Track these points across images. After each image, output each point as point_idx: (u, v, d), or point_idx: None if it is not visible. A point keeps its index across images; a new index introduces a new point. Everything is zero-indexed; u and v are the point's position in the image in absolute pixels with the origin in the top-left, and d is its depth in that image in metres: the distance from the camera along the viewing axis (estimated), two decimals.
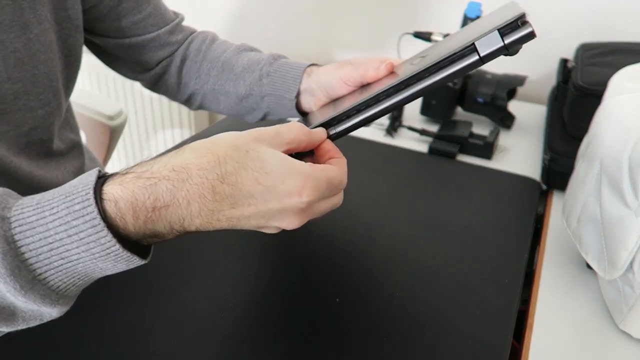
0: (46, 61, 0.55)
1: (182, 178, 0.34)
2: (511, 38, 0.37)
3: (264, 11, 1.35)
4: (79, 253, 0.33)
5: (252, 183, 0.35)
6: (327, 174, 0.39)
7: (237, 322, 0.52)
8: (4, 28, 0.50)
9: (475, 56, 0.38)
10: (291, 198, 0.36)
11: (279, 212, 0.37)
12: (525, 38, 0.37)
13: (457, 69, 0.39)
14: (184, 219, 0.35)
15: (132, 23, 0.66)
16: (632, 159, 0.48)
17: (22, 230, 0.32)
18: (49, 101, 0.57)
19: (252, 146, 0.36)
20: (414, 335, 0.52)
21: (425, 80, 0.40)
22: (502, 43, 0.37)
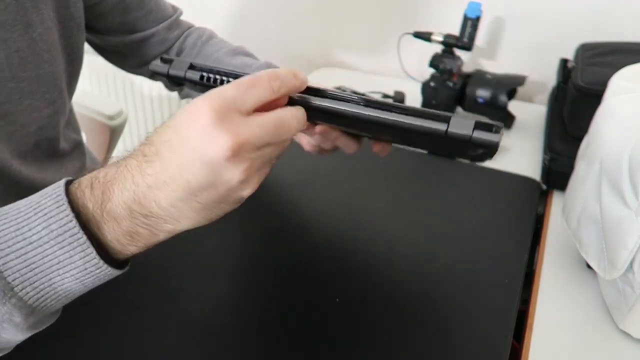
0: (50, 60, 0.55)
1: (123, 158, 0.35)
2: (479, 134, 0.37)
3: (263, 11, 1.35)
4: (40, 232, 0.33)
5: (165, 130, 0.33)
6: (225, 85, 0.34)
7: (237, 322, 0.52)
8: (7, 27, 0.50)
9: (443, 126, 0.38)
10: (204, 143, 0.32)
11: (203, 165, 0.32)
12: (489, 144, 0.37)
13: (423, 125, 0.38)
14: (134, 193, 0.33)
15: (135, 19, 0.67)
16: (632, 159, 0.48)
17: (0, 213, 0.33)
18: (54, 100, 0.57)
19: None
20: (414, 335, 0.52)
21: (396, 116, 0.39)
22: (470, 133, 0.37)
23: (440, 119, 0.38)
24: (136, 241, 0.35)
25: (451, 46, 0.95)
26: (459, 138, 0.37)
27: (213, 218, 0.35)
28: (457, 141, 0.38)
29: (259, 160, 0.34)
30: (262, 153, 0.34)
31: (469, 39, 0.94)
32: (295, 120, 0.35)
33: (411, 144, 0.54)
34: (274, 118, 0.34)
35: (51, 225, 0.33)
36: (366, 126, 0.42)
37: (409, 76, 1.15)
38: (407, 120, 0.39)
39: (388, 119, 0.39)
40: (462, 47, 0.95)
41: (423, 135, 0.40)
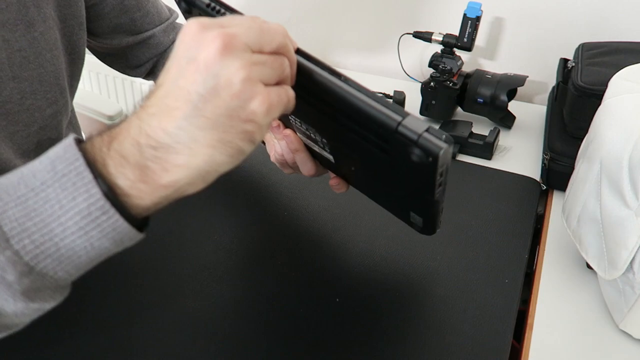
0: (52, 59, 0.55)
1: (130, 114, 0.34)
2: (427, 138, 0.36)
3: (263, 11, 1.34)
4: (44, 175, 0.31)
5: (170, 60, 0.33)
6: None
7: (237, 322, 0.52)
8: (8, 27, 0.50)
9: (397, 118, 0.37)
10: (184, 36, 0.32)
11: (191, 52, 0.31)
12: (431, 148, 0.36)
13: (378, 110, 0.37)
14: (140, 128, 0.31)
15: (131, 20, 0.66)
16: (632, 159, 0.48)
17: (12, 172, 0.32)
18: (56, 99, 0.57)
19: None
20: (414, 335, 0.52)
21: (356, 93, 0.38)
22: (419, 133, 0.36)
23: (397, 112, 0.37)
24: (147, 178, 0.31)
25: (451, 46, 0.95)
26: (406, 135, 0.36)
27: (230, 145, 0.32)
28: (403, 138, 0.37)
29: (258, 65, 0.32)
30: (257, 57, 0.32)
31: (469, 39, 0.94)
32: (279, 33, 0.34)
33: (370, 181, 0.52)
34: (256, 23, 0.33)
35: (57, 167, 0.31)
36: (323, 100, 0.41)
37: (409, 76, 1.15)
38: (365, 100, 0.37)
39: (346, 92, 0.38)
40: (462, 47, 0.95)
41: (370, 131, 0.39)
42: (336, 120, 0.43)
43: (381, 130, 0.38)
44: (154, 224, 0.64)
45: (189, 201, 0.69)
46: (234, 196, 0.72)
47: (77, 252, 0.32)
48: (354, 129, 0.42)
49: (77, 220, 0.31)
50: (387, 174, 0.46)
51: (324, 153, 0.51)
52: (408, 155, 0.38)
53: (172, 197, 0.33)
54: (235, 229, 0.65)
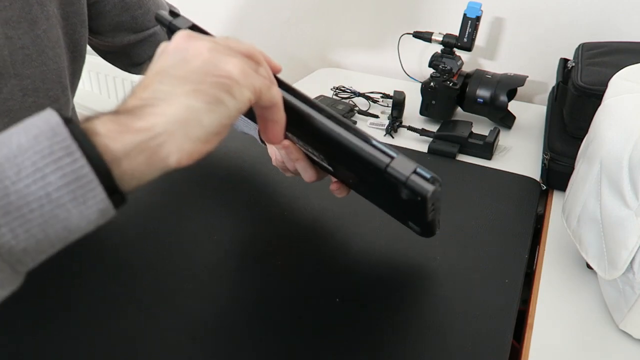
0: (54, 57, 0.55)
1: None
2: (414, 180, 0.38)
3: (263, 11, 1.35)
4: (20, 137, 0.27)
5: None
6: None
7: (236, 321, 0.52)
8: (11, 24, 0.50)
9: (386, 159, 0.39)
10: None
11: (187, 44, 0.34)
12: (419, 191, 0.39)
13: (368, 152, 0.39)
14: (119, 105, 0.32)
15: (132, 18, 0.66)
16: (632, 159, 0.48)
17: None
18: (58, 97, 0.58)
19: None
20: (414, 335, 0.52)
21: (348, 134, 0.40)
22: (407, 175, 0.38)
23: (387, 152, 0.39)
24: (120, 124, 0.29)
25: (451, 46, 0.95)
26: (394, 177, 0.38)
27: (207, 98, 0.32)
28: (391, 179, 0.39)
29: (224, 46, 0.35)
30: (225, 42, 0.35)
31: (469, 39, 0.94)
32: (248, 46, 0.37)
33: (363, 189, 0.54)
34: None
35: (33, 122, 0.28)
36: (316, 136, 0.42)
37: (409, 76, 1.15)
38: (357, 142, 0.39)
39: (336, 133, 0.40)
40: (462, 47, 0.95)
41: (362, 165, 0.40)
42: (330, 152, 0.45)
43: (372, 167, 0.40)
44: (155, 224, 0.65)
45: (189, 201, 0.70)
46: (234, 196, 0.72)
47: (29, 204, 0.27)
48: (348, 161, 0.43)
49: (35, 160, 0.26)
50: (384, 192, 0.47)
51: (323, 164, 0.52)
52: (399, 192, 0.40)
53: (149, 152, 0.30)
54: (235, 229, 0.65)
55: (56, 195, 0.27)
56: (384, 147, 0.39)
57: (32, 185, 0.26)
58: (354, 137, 0.40)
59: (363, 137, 0.40)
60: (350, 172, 0.49)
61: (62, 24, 0.57)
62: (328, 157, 0.49)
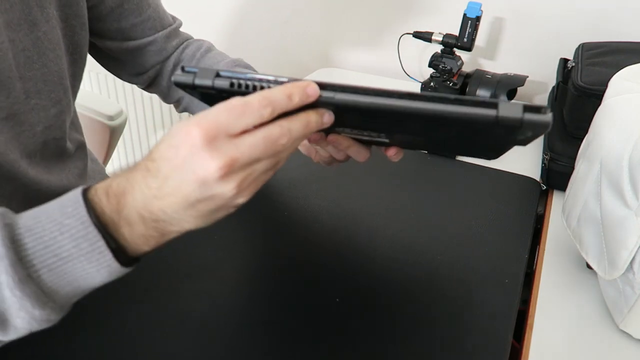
0: (55, 59, 0.55)
1: (130, 171, 0.38)
2: (530, 117, 0.36)
3: (263, 11, 1.35)
4: (70, 249, 0.36)
5: (162, 146, 0.36)
6: (218, 109, 0.35)
7: (236, 321, 0.52)
8: (12, 27, 0.50)
9: (492, 112, 0.36)
10: (187, 137, 0.35)
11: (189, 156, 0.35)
12: (540, 125, 0.36)
13: (471, 112, 0.37)
14: (143, 203, 0.37)
15: (132, 25, 0.66)
16: (632, 159, 0.48)
17: (23, 232, 0.37)
18: (60, 99, 0.57)
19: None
20: (414, 335, 0.52)
21: (440, 105, 0.37)
22: (520, 115, 0.36)
23: (488, 104, 0.37)
24: (148, 242, 0.38)
25: (451, 46, 0.95)
26: (510, 122, 0.36)
27: (213, 220, 0.39)
28: (508, 124, 0.36)
29: (251, 175, 0.37)
30: (254, 168, 0.37)
31: (469, 39, 0.94)
32: (286, 137, 0.37)
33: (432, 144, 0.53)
34: (262, 136, 0.36)
35: (81, 245, 0.36)
36: (399, 121, 0.40)
37: (409, 76, 1.15)
38: (452, 109, 0.37)
39: (431, 110, 0.37)
40: (462, 47, 0.94)
41: (463, 126, 0.38)
42: (405, 128, 0.43)
43: (477, 126, 0.38)
44: None
45: None
46: None
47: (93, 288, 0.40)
48: (432, 130, 0.42)
49: (100, 279, 0.39)
50: (465, 140, 0.45)
51: (376, 139, 0.50)
52: (513, 136, 0.38)
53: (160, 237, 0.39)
54: (235, 229, 0.65)
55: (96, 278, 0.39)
56: (478, 100, 0.37)
57: (97, 284, 0.40)
58: (447, 105, 0.37)
59: (452, 101, 0.37)
60: (424, 136, 0.47)
61: (62, 26, 0.57)
62: (392, 132, 0.47)
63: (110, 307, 0.54)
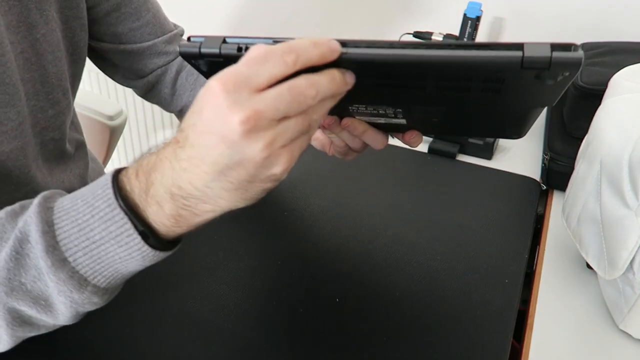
0: (54, 61, 0.55)
1: (160, 147, 0.36)
2: (559, 55, 0.33)
3: (263, 11, 1.35)
4: (100, 232, 0.36)
5: (191, 115, 0.34)
6: (238, 62, 0.32)
7: (237, 321, 0.52)
8: (11, 29, 0.50)
9: (518, 53, 0.33)
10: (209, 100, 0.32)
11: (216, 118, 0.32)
12: (571, 63, 0.34)
13: (496, 56, 0.34)
14: (172, 178, 0.35)
15: (129, 30, 0.65)
16: (632, 159, 0.48)
17: (60, 215, 0.37)
18: (58, 100, 0.57)
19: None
20: (414, 335, 0.52)
21: (463, 52, 0.34)
22: (549, 54, 0.33)
23: (512, 47, 0.34)
24: (179, 223, 0.37)
25: None
26: (539, 63, 0.33)
27: (251, 197, 0.36)
28: (537, 65, 0.34)
29: (281, 136, 0.33)
30: (283, 127, 0.33)
31: (469, 39, 0.94)
32: (313, 88, 0.33)
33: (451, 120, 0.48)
34: (287, 86, 0.32)
35: (109, 227, 0.36)
36: (419, 82, 0.38)
37: None
38: (477, 54, 0.34)
39: (455, 57, 0.34)
40: None
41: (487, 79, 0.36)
42: (426, 88, 0.40)
43: (500, 74, 0.36)
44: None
45: None
46: None
47: (135, 270, 0.40)
48: (454, 88, 0.39)
49: (135, 263, 0.38)
50: (487, 109, 0.43)
51: (393, 121, 0.48)
52: (541, 83, 0.35)
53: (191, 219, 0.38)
54: (235, 229, 0.65)
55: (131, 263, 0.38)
56: (502, 43, 0.34)
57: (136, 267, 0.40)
58: (469, 51, 0.34)
59: (474, 46, 0.34)
60: (441, 106, 0.44)
61: (62, 27, 0.57)
62: (410, 104, 0.44)
63: (110, 307, 0.54)
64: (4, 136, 0.50)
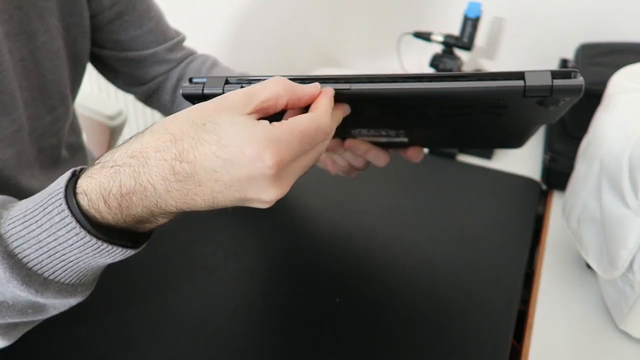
0: (53, 69, 0.55)
1: (141, 163, 0.33)
2: (560, 83, 0.34)
3: (264, 11, 1.35)
4: (75, 254, 0.34)
5: (211, 157, 0.32)
6: (294, 129, 0.33)
7: (236, 322, 0.52)
8: (11, 37, 0.50)
9: (520, 83, 0.34)
10: (254, 164, 0.32)
11: (248, 181, 0.33)
12: (572, 90, 0.34)
13: (497, 86, 0.35)
14: (156, 201, 0.33)
15: (132, 37, 0.65)
16: (632, 159, 0.48)
17: (19, 244, 0.34)
18: (56, 107, 0.57)
19: (210, 118, 0.33)
20: (414, 335, 0.52)
21: (464, 83, 0.35)
22: (550, 83, 0.34)
23: (513, 76, 0.35)
24: (151, 224, 0.37)
25: (451, 46, 0.95)
26: (540, 92, 0.34)
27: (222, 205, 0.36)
28: (538, 94, 0.35)
29: (295, 171, 0.36)
30: (297, 164, 0.35)
31: (469, 39, 0.94)
32: (326, 135, 0.35)
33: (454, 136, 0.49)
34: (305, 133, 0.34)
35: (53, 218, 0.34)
36: (418, 110, 0.38)
37: None
38: (479, 85, 0.35)
39: (452, 89, 0.35)
40: (462, 47, 0.95)
41: (489, 105, 0.36)
42: (428, 114, 0.41)
43: (502, 102, 0.36)
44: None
45: None
46: None
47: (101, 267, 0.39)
48: (457, 114, 0.39)
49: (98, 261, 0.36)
50: (490, 125, 0.43)
51: (395, 139, 0.49)
52: (543, 107, 0.36)
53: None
54: (235, 230, 0.65)
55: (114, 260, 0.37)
56: (502, 73, 0.35)
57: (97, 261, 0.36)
58: (469, 82, 0.35)
59: (473, 76, 0.35)
60: (443, 128, 0.45)
61: (63, 35, 0.57)
62: (411, 127, 0.45)
63: (110, 307, 0.54)
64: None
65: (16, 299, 0.36)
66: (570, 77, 0.34)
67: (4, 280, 0.34)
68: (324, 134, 0.35)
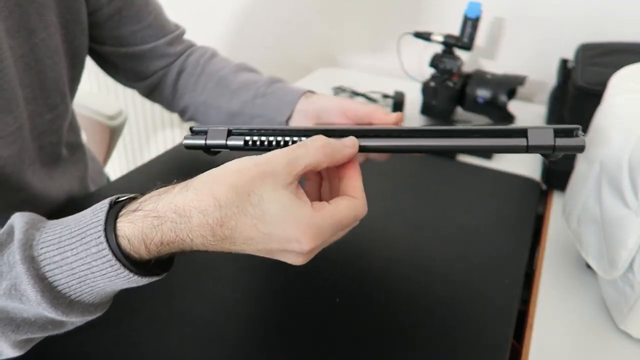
0: (52, 65, 0.55)
1: (184, 221, 0.35)
2: (563, 142, 0.36)
3: (264, 11, 1.35)
4: (105, 282, 0.36)
5: (250, 229, 0.35)
6: (335, 218, 0.37)
7: (237, 321, 0.53)
8: (11, 34, 0.50)
9: (523, 141, 0.36)
10: (291, 244, 0.36)
11: (280, 252, 0.37)
12: (574, 148, 0.36)
13: (500, 144, 0.37)
14: (191, 248, 0.37)
15: (131, 32, 0.65)
16: (632, 159, 0.48)
17: (51, 269, 0.35)
18: (56, 104, 0.57)
19: (255, 188, 0.35)
20: (414, 335, 0.52)
21: (469, 140, 0.38)
22: (552, 142, 0.36)
23: (516, 133, 0.37)
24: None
25: (451, 46, 0.95)
26: (542, 150, 0.36)
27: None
28: (540, 151, 0.37)
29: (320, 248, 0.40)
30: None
31: (469, 39, 0.94)
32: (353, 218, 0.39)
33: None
34: (342, 223, 0.39)
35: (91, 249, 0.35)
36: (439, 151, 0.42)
37: (409, 76, 1.15)
38: (482, 143, 0.37)
39: (462, 146, 0.38)
40: (462, 47, 0.95)
41: (498, 152, 0.40)
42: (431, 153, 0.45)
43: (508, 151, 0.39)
44: None
45: None
46: None
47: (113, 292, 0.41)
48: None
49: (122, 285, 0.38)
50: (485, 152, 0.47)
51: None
52: (545, 156, 0.39)
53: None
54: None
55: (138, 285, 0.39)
56: (507, 130, 0.37)
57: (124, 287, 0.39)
58: (477, 140, 0.38)
59: (481, 133, 0.38)
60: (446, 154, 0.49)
61: (62, 32, 0.57)
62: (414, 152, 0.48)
63: (110, 307, 0.54)
64: (1, 142, 0.50)
65: (39, 316, 0.37)
66: (572, 135, 0.36)
67: (34, 303, 0.35)
68: (358, 220, 0.39)
